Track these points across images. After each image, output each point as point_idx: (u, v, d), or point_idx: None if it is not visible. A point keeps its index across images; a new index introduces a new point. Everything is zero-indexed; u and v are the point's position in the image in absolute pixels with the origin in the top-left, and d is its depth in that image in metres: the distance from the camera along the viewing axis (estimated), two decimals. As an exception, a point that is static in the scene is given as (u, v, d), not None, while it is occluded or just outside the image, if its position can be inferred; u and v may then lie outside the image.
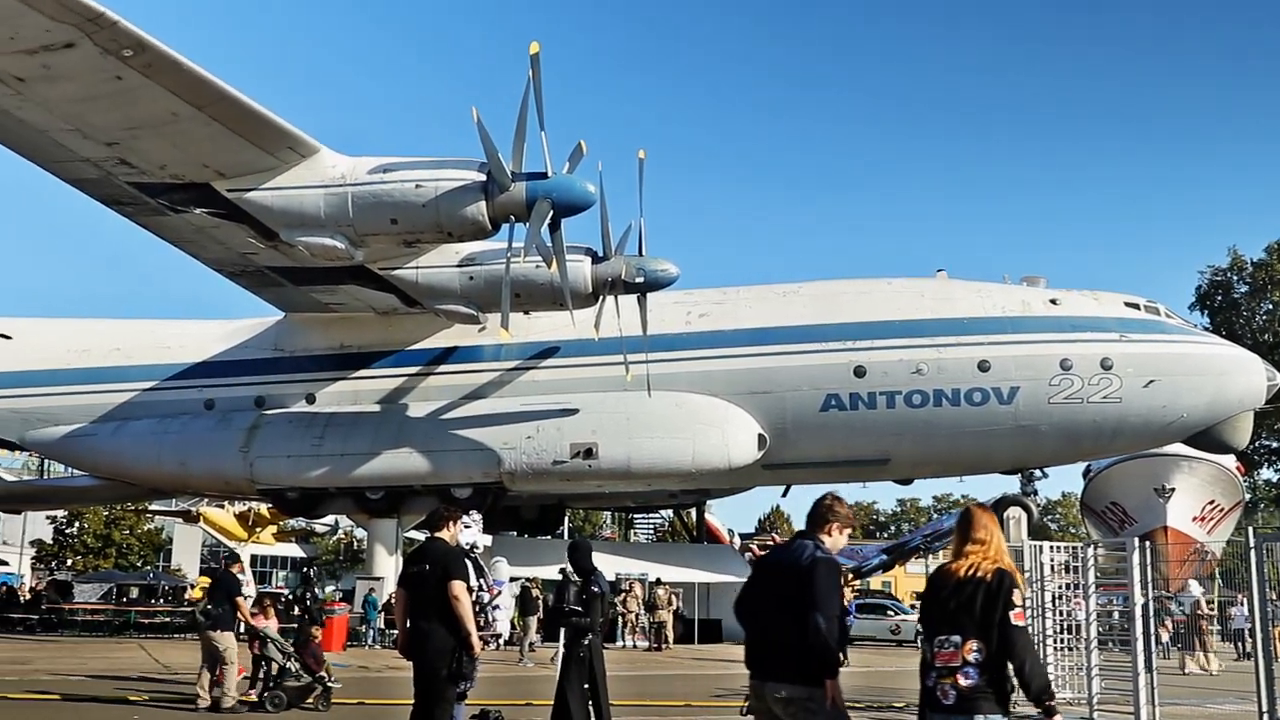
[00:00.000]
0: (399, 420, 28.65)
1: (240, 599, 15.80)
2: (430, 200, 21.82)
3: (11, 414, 32.45)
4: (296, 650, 15.29)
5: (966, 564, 5.61)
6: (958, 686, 5.40)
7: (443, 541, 8.83)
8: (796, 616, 5.78)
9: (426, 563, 8.66)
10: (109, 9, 17.92)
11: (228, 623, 15.37)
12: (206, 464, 30.00)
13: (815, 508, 6.28)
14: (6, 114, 20.64)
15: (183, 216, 24.06)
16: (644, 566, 34.02)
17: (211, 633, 15.13)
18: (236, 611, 15.52)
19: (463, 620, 8.41)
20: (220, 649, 15.02)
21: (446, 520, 8.96)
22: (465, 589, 8.54)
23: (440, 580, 8.45)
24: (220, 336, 31.52)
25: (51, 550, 66.83)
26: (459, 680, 8.49)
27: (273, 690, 14.88)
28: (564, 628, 10.34)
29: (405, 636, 8.75)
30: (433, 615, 8.45)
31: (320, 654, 15.37)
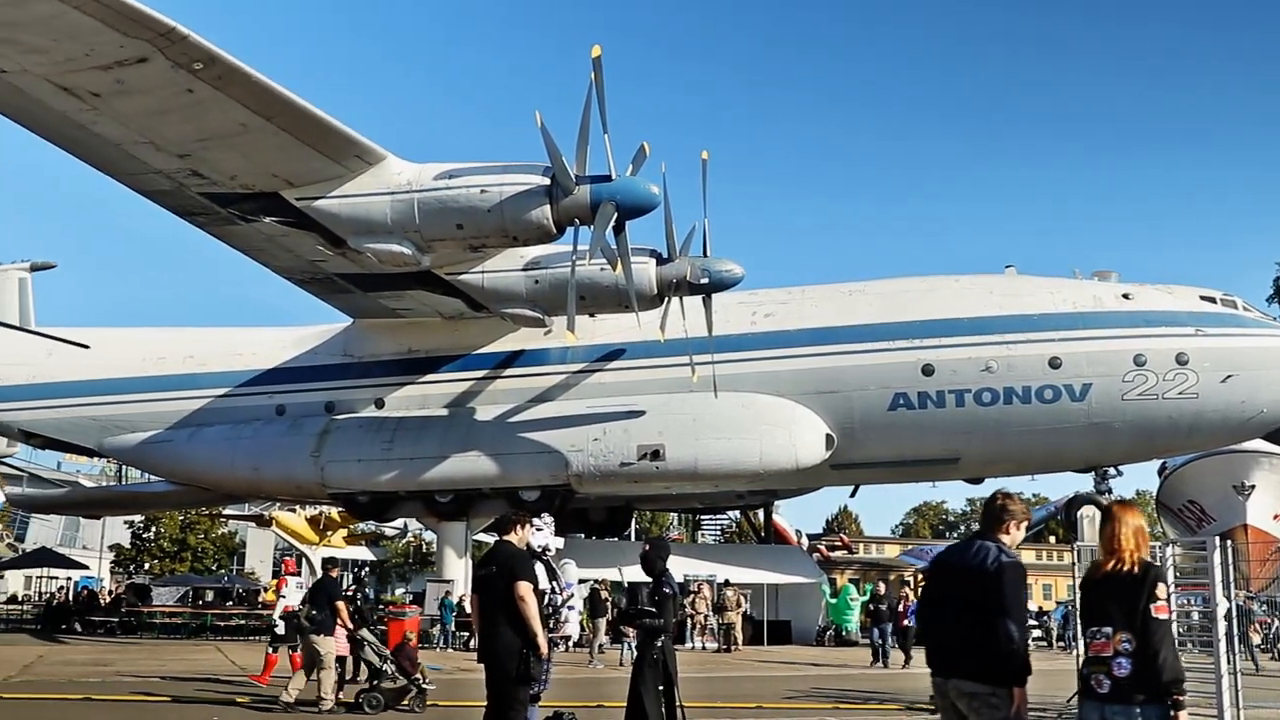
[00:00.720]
0: (467, 424, 28.84)
1: (340, 603, 16.00)
2: (495, 205, 21.92)
3: (90, 421, 33.18)
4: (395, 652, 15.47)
5: (1113, 559, 5.80)
6: (1112, 676, 5.60)
7: (510, 544, 8.87)
8: (981, 619, 5.89)
9: (494, 565, 8.71)
10: (180, 24, 18.23)
11: (329, 627, 15.57)
12: (278, 469, 30.43)
13: (989, 508, 6.35)
14: (83, 129, 21.05)
15: (253, 225, 24.39)
16: (712, 568, 33.96)
17: (314, 637, 15.35)
18: (336, 616, 15.75)
19: (528, 621, 8.44)
20: (320, 653, 15.22)
21: (515, 524, 9.00)
22: (531, 590, 8.58)
23: (507, 582, 8.50)
24: (291, 343, 31.96)
25: (129, 554, 68.25)
26: (528, 682, 8.52)
27: (369, 692, 15.03)
28: (636, 629, 10.31)
29: (479, 639, 8.82)
30: (501, 617, 8.50)
31: (415, 656, 15.49)
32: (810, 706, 16.98)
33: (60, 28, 17.83)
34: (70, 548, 70.83)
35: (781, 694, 18.79)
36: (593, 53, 21.41)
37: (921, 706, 16.75)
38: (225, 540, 71.05)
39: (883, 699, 18.23)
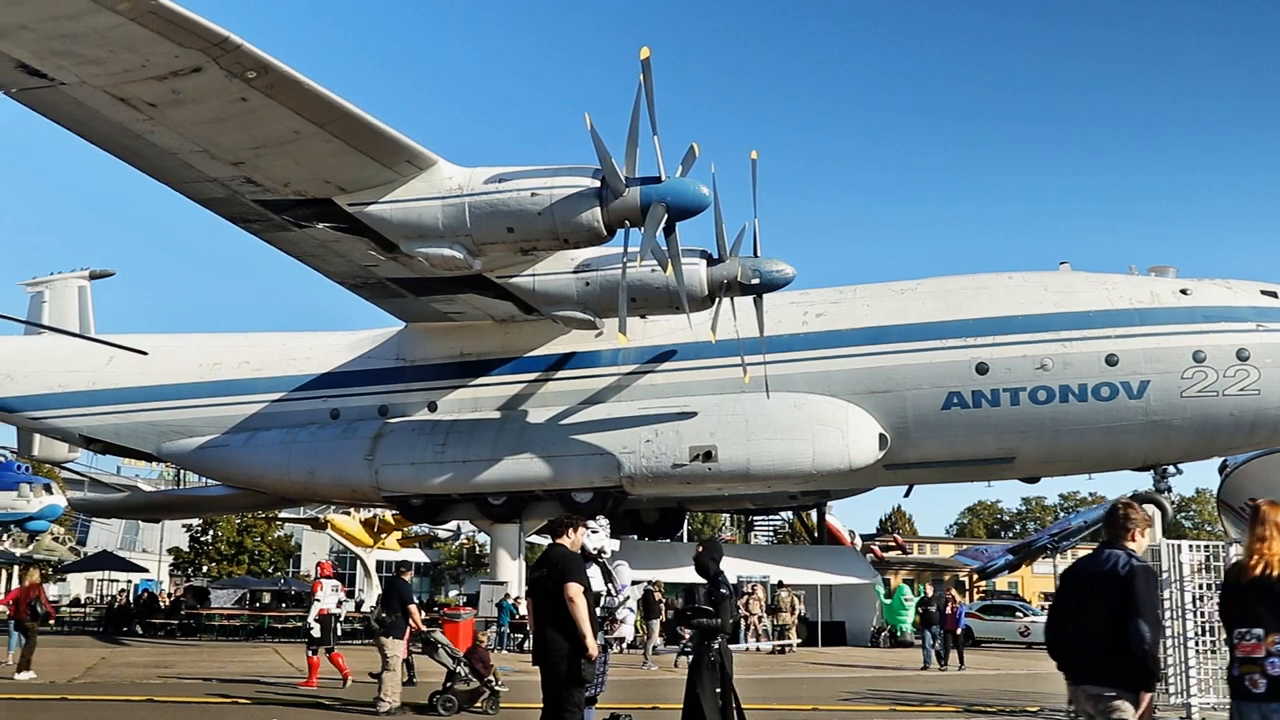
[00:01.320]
0: (519, 426, 28.98)
1: (412, 605, 16.08)
2: (546, 208, 22.00)
3: (149, 427, 33.70)
4: (467, 655, 15.54)
5: (1260, 560, 5.85)
6: (1267, 675, 5.63)
7: (563, 547, 8.89)
8: (1112, 623, 6.04)
9: (546, 568, 8.73)
10: (233, 33, 18.46)
11: (399, 630, 15.69)
12: (333, 472, 30.74)
13: (1111, 517, 6.49)
14: (139, 138, 21.39)
15: (306, 231, 24.65)
16: (765, 569, 33.82)
17: (384, 639, 15.46)
18: (409, 619, 15.81)
19: (578, 622, 8.45)
20: (387, 655, 15.33)
21: (568, 527, 9.02)
22: (580, 591, 8.59)
23: (557, 584, 8.52)
24: (344, 348, 32.27)
25: (188, 557, 69.19)
26: (580, 683, 8.53)
27: (443, 694, 15.10)
28: (693, 630, 10.28)
29: (534, 637, 8.86)
30: (553, 619, 8.52)
31: (488, 658, 15.54)
32: (867, 709, 16.87)
33: (117, 39, 18.12)
34: (130, 551, 71.88)
35: (838, 696, 18.67)
36: (641, 54, 21.42)
37: (980, 709, 16.60)
38: (281, 543, 71.81)
39: (940, 701, 18.07)
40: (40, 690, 17.67)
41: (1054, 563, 60.58)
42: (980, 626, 39.53)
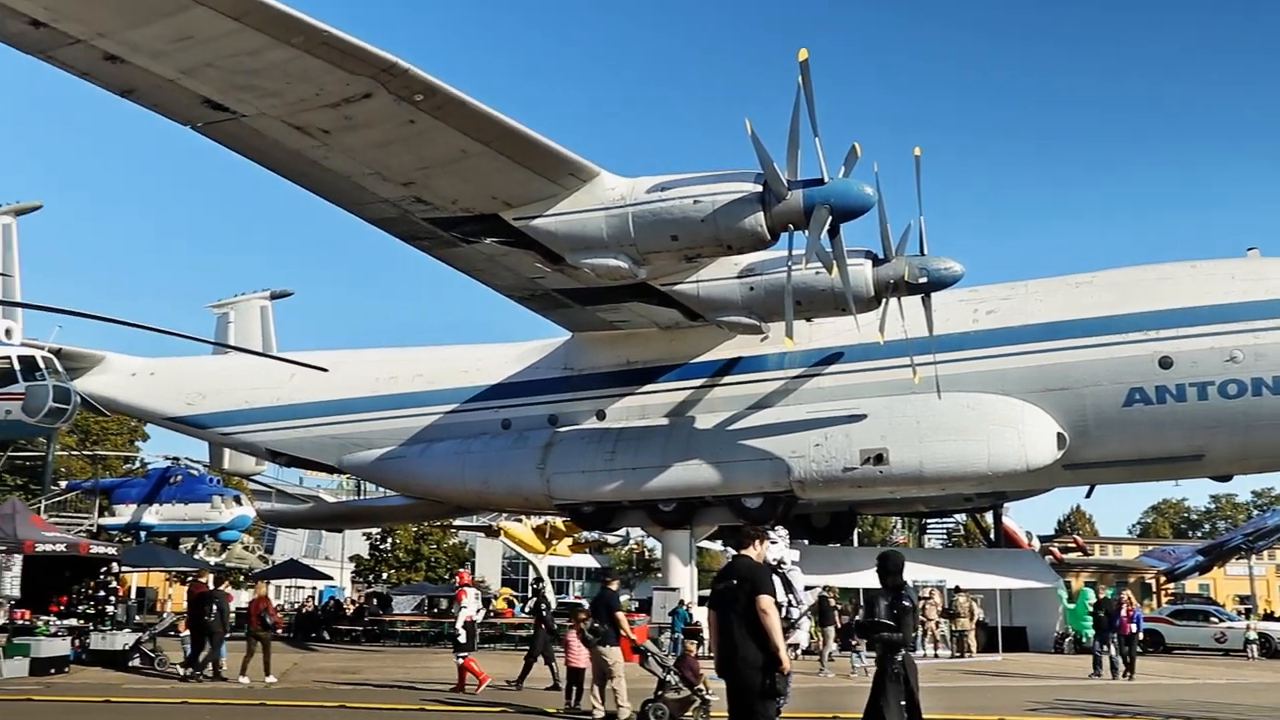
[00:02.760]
0: (687, 433, 29.02)
1: (618, 614, 16.25)
2: (709, 215, 21.97)
3: (330, 440, 34.96)
4: (677, 663, 15.64)
5: None
6: None
7: (749, 559, 8.78)
8: None
9: (734, 579, 8.63)
10: (400, 58, 18.99)
11: (614, 638, 15.93)
12: (506, 482, 31.33)
13: None
14: (315, 164, 22.21)
15: (474, 247, 25.18)
16: (940, 573, 33.10)
17: (602, 648, 15.69)
18: (617, 627, 16.02)
19: (771, 635, 8.34)
20: (609, 663, 15.55)
21: (753, 538, 8.91)
22: (773, 604, 8.49)
23: (749, 596, 8.42)
24: (513, 358, 32.86)
25: (368, 565, 71.50)
26: (773, 695, 8.42)
27: (655, 702, 15.20)
28: (874, 643, 10.08)
29: (718, 654, 8.75)
30: (742, 632, 8.42)
31: (698, 666, 15.58)
32: (1056, 720, 16.32)
33: (292, 71, 18.86)
34: (314, 559, 74.59)
35: (1023, 705, 18.11)
36: (800, 56, 21.21)
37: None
38: (456, 550, 73.56)
39: (1135, 712, 17.32)
40: (241, 695, 18.48)
41: (1249, 564, 57.75)
42: (1171, 632, 37.93)
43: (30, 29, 17.44)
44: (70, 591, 25.49)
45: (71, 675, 21.65)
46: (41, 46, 18.06)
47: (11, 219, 37.63)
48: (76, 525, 51.42)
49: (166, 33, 17.70)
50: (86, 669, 22.72)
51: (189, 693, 18.86)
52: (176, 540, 54.11)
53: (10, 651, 21.32)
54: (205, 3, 17.00)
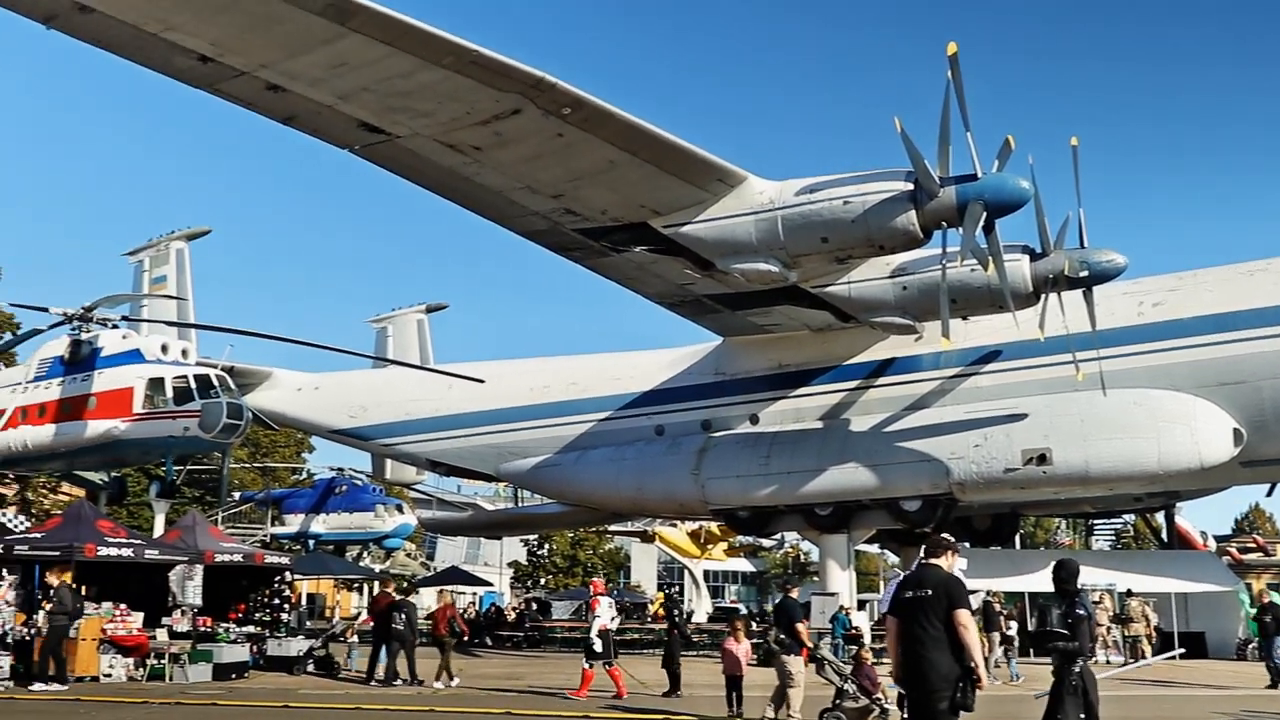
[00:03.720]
0: (842, 435, 28.69)
1: (800, 625, 16.14)
2: (859, 215, 21.71)
3: (488, 449, 35.65)
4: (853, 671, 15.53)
5: None
6: None
7: (940, 569, 8.59)
8: None
9: (927, 589, 8.42)
10: (547, 73, 19.28)
11: (797, 647, 15.86)
12: (661, 488, 31.45)
13: None
14: (467, 180, 22.73)
15: (624, 255, 25.39)
16: (1109, 575, 31.94)
17: (784, 657, 15.68)
18: (796, 637, 15.94)
19: (970, 649, 8.17)
20: (790, 672, 15.51)
21: (946, 549, 8.72)
22: (971, 617, 8.33)
23: (946, 609, 8.25)
24: (665, 365, 32.99)
25: (526, 570, 72.60)
26: (966, 709, 8.25)
27: (832, 711, 15.12)
28: (1050, 654, 9.77)
29: (901, 664, 8.55)
30: (934, 643, 8.23)
31: (875, 675, 15.43)
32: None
33: (443, 91, 19.35)
34: (473, 565, 76.13)
35: (1208, 716, 17.31)
36: (949, 50, 20.82)
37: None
38: (612, 555, 74.24)
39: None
40: (411, 701, 18.94)
41: None
42: None
43: (198, 64, 18.29)
44: (247, 599, 26.48)
45: (251, 680, 22.50)
46: (209, 80, 18.93)
47: (184, 244, 39.46)
48: (251, 535, 53.55)
49: (323, 60, 18.35)
50: (264, 674, 23.57)
51: (362, 698, 19.42)
52: (342, 548, 55.94)
53: (195, 657, 22.30)
54: (359, 30, 17.57)
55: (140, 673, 21.88)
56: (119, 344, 31.10)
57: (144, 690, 20.23)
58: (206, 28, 17.58)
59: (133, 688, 20.69)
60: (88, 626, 21.55)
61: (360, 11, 17.30)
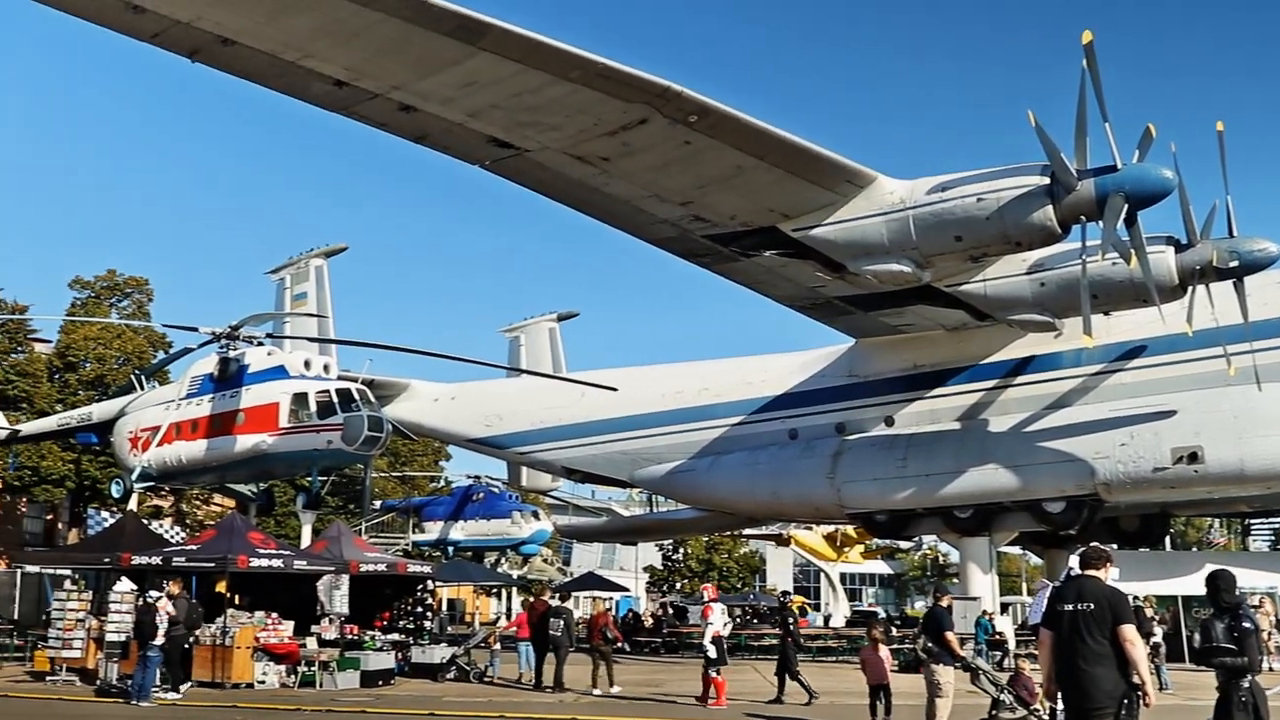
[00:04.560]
0: (981, 436, 28.10)
1: (948, 634, 15.78)
2: (994, 212, 21.24)
3: (621, 455, 35.83)
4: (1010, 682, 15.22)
5: None
6: None
7: (1099, 581, 8.31)
8: None
9: (1089, 603, 8.14)
10: (672, 82, 19.32)
11: (947, 657, 15.52)
12: (796, 492, 31.22)
13: None
14: (596, 191, 22.91)
15: (753, 260, 25.28)
16: (1270, 578, 30.59)
17: (934, 666, 15.44)
18: (947, 647, 15.59)
19: (1136, 665, 7.90)
20: (939, 682, 15.19)
21: (1103, 560, 8.44)
22: (1137, 633, 8.06)
23: (1111, 623, 7.97)
24: (797, 368, 32.74)
25: (661, 575, 72.81)
26: None
27: None
28: (1215, 670, 9.34)
29: (1059, 679, 8.27)
30: (1097, 659, 7.96)
31: (1032, 685, 15.10)
32: None
33: (571, 105, 19.56)
34: (609, 569, 76.65)
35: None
36: (1084, 39, 20.24)
37: None
38: (747, 559, 74.00)
39: None
40: (553, 710, 19.15)
41: None
42: None
43: (334, 89, 18.84)
44: (391, 607, 27.12)
45: (397, 687, 23.01)
46: (344, 104, 19.48)
47: (323, 261, 40.60)
48: (392, 544, 54.82)
49: (453, 80, 18.73)
50: (409, 681, 24.08)
51: (504, 705, 19.70)
52: (481, 554, 56.86)
53: (343, 665, 22.92)
54: (488, 49, 17.87)
55: (292, 679, 22.56)
56: (264, 361, 32.16)
57: (296, 696, 20.85)
58: (341, 54, 18.08)
59: (285, 694, 21.35)
60: (242, 635, 22.32)
61: (489, 30, 17.60)
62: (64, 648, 22.98)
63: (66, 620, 23.20)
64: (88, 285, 51.01)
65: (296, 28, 17.39)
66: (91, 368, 48.29)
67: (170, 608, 20.99)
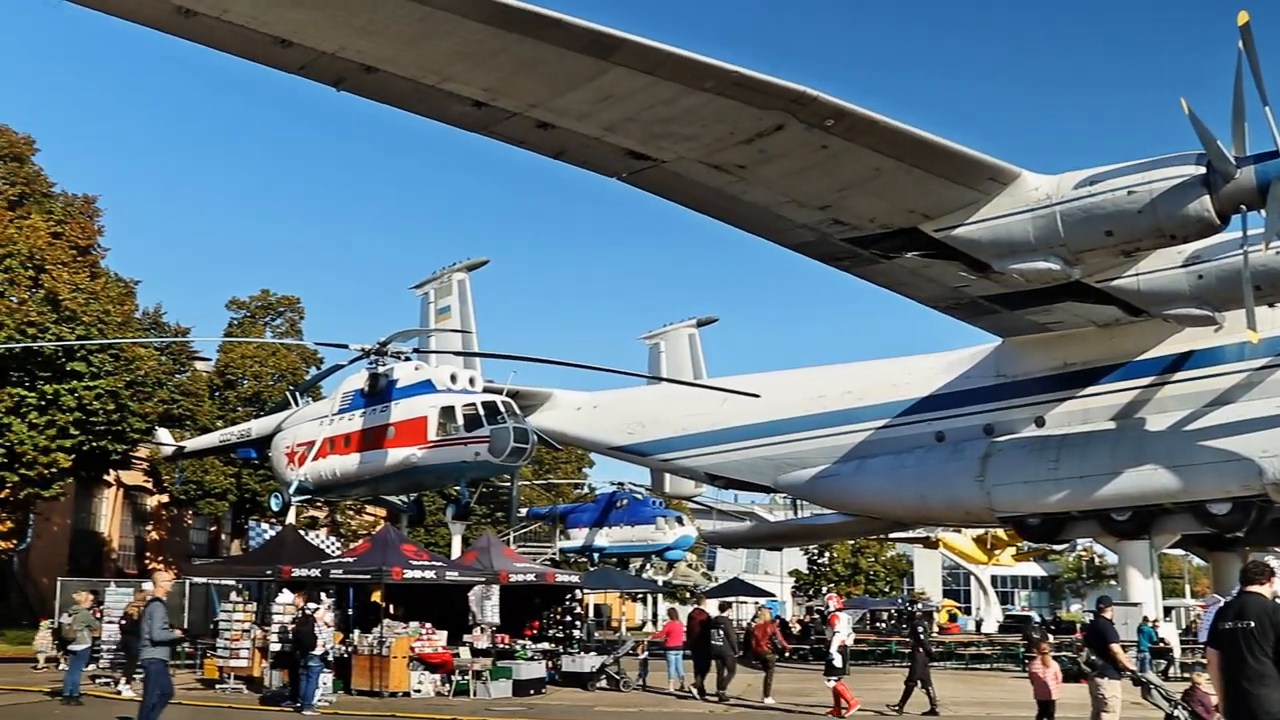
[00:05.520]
0: (1138, 436, 27.11)
1: (1114, 646, 15.16)
2: (1146, 205, 20.49)
3: (764, 461, 35.61)
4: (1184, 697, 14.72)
5: None
6: None
7: (1262, 596, 7.93)
8: None
9: (1249, 620, 7.78)
10: (808, 87, 19.13)
11: (1112, 670, 14.99)
12: (944, 496, 30.58)
13: None
14: (733, 199, 22.83)
15: (895, 262, 24.87)
16: None
17: (1099, 680, 14.98)
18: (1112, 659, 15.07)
19: None
20: (1105, 696, 14.73)
21: (1266, 575, 8.05)
22: None
23: (1274, 641, 7.59)
24: (942, 369, 32.09)
25: (807, 579, 72.21)
26: None
27: None
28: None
29: (1226, 699, 7.92)
30: (1260, 679, 7.59)
31: (1209, 702, 14.54)
32: None
33: (706, 114, 19.52)
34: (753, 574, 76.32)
35: None
36: (1240, 19, 19.39)
37: None
38: (894, 562, 72.87)
39: None
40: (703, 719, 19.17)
41: None
42: None
43: (473, 110, 19.20)
44: (541, 616, 27.44)
45: (548, 696, 23.30)
46: (483, 124, 19.83)
47: (465, 275, 41.42)
48: (539, 554, 55.57)
49: (589, 96, 18.88)
50: (560, 689, 24.36)
51: (655, 715, 19.83)
52: (625, 560, 57.21)
53: (496, 674, 23.31)
54: (621, 63, 17.97)
55: (446, 688, 23.04)
56: (412, 376, 32.90)
57: (451, 706, 21.27)
58: (479, 75, 18.40)
59: (441, 703, 21.80)
60: (398, 645, 22.88)
61: (621, 45, 17.70)
62: (231, 656, 23.90)
63: (233, 630, 24.14)
64: (243, 305, 52.97)
65: (436, 53, 17.76)
66: (248, 385, 50.08)
67: (329, 618, 21.68)
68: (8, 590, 42.66)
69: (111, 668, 24.84)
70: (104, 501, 50.31)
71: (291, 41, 17.32)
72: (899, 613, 51.62)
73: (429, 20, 16.84)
